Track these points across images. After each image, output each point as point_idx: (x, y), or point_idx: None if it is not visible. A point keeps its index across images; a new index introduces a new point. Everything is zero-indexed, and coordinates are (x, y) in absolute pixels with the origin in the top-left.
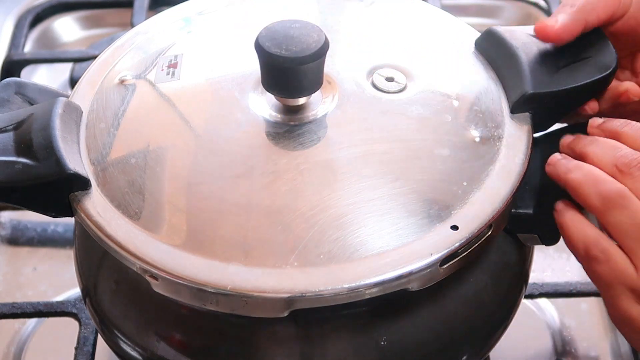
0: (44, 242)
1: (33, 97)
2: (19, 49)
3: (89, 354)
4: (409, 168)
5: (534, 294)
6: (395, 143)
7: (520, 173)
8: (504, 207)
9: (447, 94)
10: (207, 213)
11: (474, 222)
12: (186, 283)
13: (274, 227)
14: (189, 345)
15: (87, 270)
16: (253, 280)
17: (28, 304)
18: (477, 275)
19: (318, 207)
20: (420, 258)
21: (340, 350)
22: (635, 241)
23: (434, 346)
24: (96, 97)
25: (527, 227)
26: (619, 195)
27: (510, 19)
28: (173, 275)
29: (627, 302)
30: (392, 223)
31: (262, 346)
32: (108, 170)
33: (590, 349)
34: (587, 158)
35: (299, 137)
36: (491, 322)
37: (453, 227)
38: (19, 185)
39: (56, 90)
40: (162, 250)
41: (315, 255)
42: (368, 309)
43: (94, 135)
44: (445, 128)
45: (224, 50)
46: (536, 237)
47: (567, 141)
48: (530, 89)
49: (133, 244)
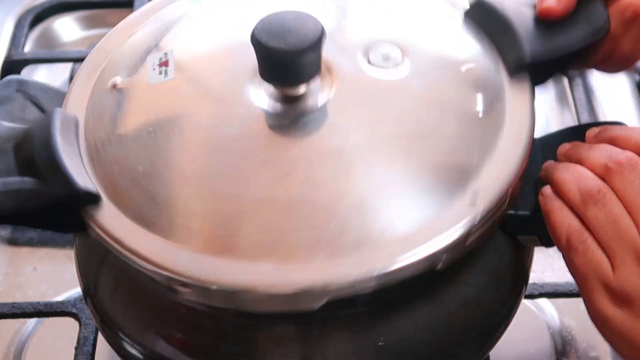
0: (44, 242)
1: (35, 95)
2: (19, 49)
3: (89, 354)
4: (419, 146)
5: (534, 294)
6: (402, 122)
7: (529, 135)
8: (520, 171)
9: (445, 65)
10: (225, 214)
11: (495, 187)
12: (219, 288)
13: (295, 220)
14: (190, 344)
15: (88, 270)
16: (286, 277)
17: (28, 304)
18: (477, 277)
19: (336, 195)
20: (446, 234)
21: (340, 350)
22: (612, 239)
23: (433, 347)
24: (90, 104)
25: (526, 228)
26: (598, 191)
27: None
28: (205, 282)
29: (603, 300)
30: (412, 203)
31: (262, 345)
32: (116, 181)
33: (590, 349)
34: (583, 163)
35: (305, 127)
36: (490, 324)
37: (474, 193)
38: (31, 210)
39: (57, 89)
40: (188, 258)
41: (342, 245)
42: (367, 309)
43: (95, 145)
44: (448, 101)
45: (213, 44)
46: (536, 238)
47: (564, 149)
48: (528, 56)
49: (157, 255)
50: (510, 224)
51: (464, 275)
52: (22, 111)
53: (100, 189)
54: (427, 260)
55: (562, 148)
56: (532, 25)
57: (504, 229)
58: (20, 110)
